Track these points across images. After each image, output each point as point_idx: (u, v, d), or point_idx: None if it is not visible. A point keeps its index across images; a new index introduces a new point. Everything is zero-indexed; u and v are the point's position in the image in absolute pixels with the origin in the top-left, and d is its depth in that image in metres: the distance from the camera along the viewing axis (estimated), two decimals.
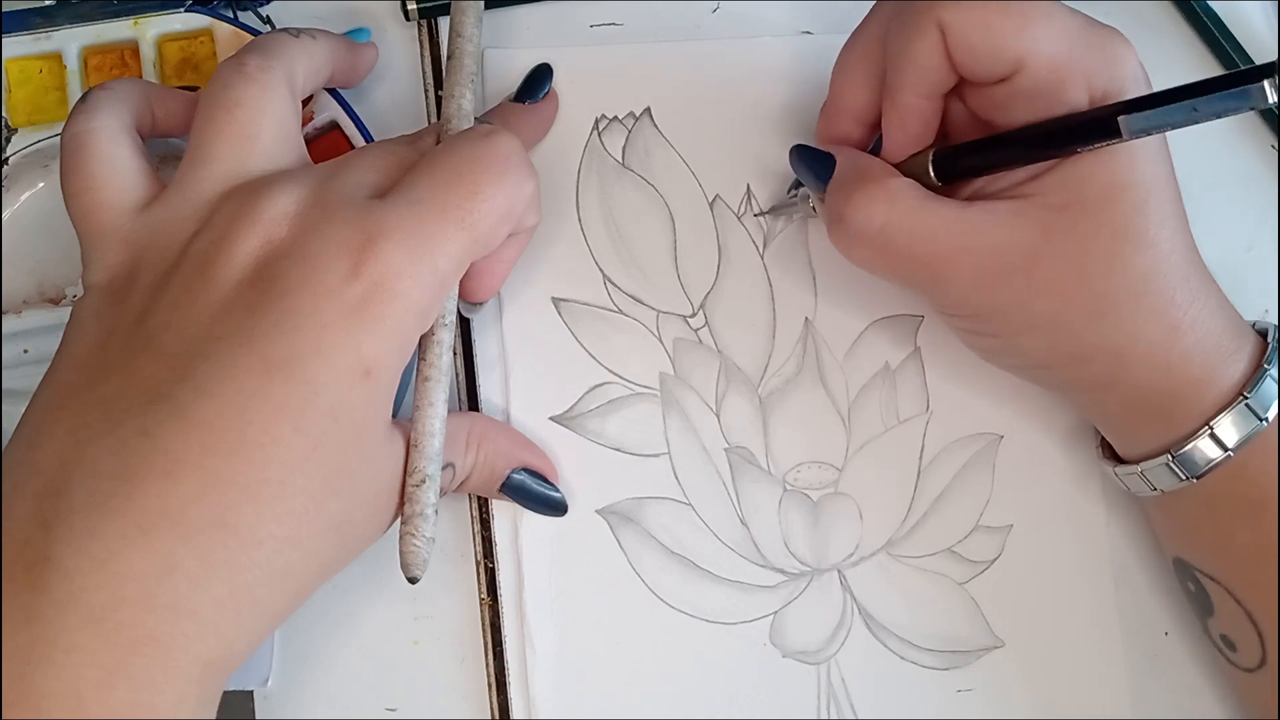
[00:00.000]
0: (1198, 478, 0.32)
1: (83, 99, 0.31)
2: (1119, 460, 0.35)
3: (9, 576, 0.25)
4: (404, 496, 0.30)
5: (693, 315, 0.38)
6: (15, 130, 0.36)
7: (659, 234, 0.38)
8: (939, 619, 0.37)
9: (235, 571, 0.26)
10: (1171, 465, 0.32)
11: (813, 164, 0.35)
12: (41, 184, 0.37)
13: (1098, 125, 0.30)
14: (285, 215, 0.28)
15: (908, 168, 0.33)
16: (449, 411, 0.32)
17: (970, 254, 0.32)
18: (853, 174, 0.33)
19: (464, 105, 0.34)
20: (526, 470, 0.35)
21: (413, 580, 0.30)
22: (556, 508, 0.36)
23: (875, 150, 0.35)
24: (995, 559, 0.37)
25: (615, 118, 0.39)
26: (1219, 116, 0.28)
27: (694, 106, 0.39)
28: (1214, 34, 0.41)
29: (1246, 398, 0.31)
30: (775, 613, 0.37)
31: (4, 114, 0.37)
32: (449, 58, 0.35)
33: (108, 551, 0.25)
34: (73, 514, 0.25)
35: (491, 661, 0.36)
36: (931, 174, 0.33)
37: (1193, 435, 0.32)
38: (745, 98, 0.40)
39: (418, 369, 0.31)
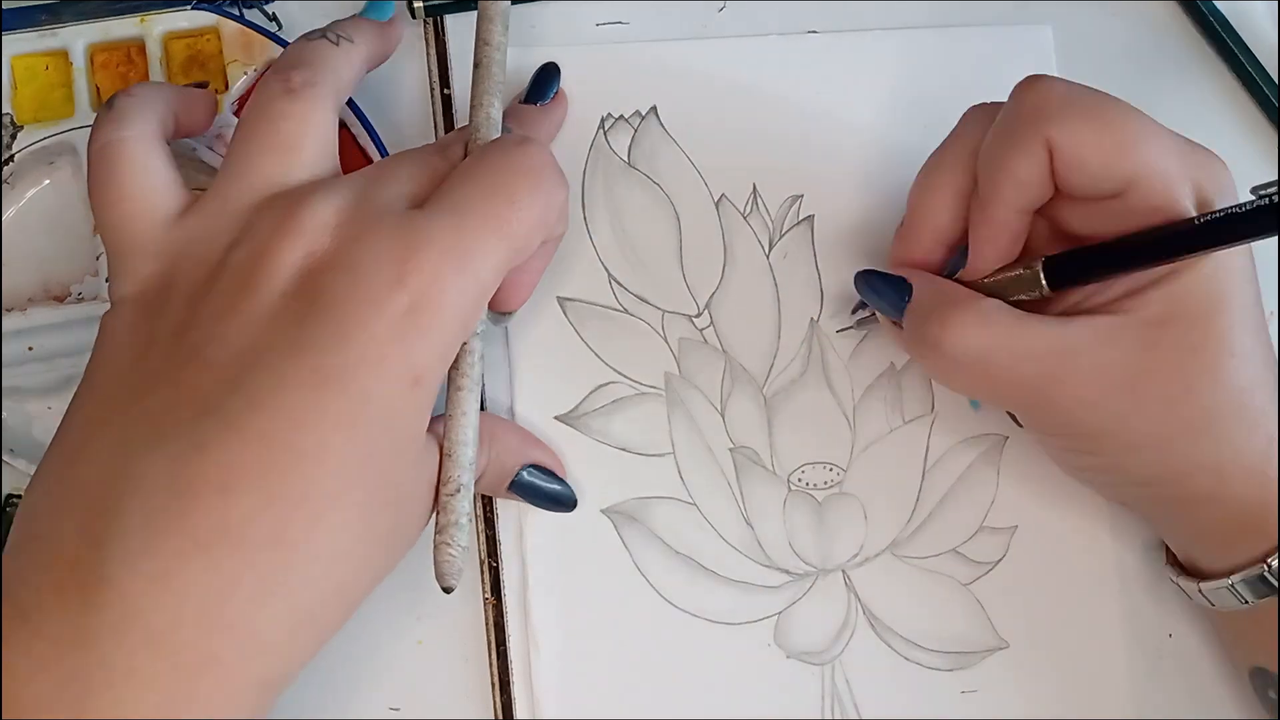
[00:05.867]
0: None
1: (108, 106, 0.30)
2: (1185, 573, 0.34)
3: (61, 602, 0.24)
4: (438, 505, 0.30)
5: (698, 315, 0.38)
6: (20, 127, 0.36)
7: (665, 233, 0.38)
8: (943, 620, 0.37)
9: (293, 589, 0.26)
10: (1269, 575, 0.32)
11: (886, 290, 0.34)
12: (47, 181, 0.36)
13: (1243, 223, 0.29)
14: (327, 226, 0.28)
15: (985, 288, 0.33)
16: None
17: (1076, 372, 0.31)
18: (937, 298, 0.32)
19: (493, 114, 0.33)
20: (535, 467, 0.35)
21: (448, 590, 0.30)
22: (565, 503, 0.36)
23: (947, 273, 0.34)
24: (1000, 560, 0.37)
25: (621, 117, 0.39)
26: None
27: (700, 105, 0.39)
28: (1220, 35, 0.41)
29: None
30: (779, 613, 0.37)
31: (9, 111, 0.37)
32: (476, 66, 0.34)
33: (165, 570, 0.24)
34: (125, 531, 0.24)
35: (495, 661, 0.36)
36: (1043, 281, 0.31)
37: None
38: (751, 97, 0.39)
39: (450, 378, 0.31)
